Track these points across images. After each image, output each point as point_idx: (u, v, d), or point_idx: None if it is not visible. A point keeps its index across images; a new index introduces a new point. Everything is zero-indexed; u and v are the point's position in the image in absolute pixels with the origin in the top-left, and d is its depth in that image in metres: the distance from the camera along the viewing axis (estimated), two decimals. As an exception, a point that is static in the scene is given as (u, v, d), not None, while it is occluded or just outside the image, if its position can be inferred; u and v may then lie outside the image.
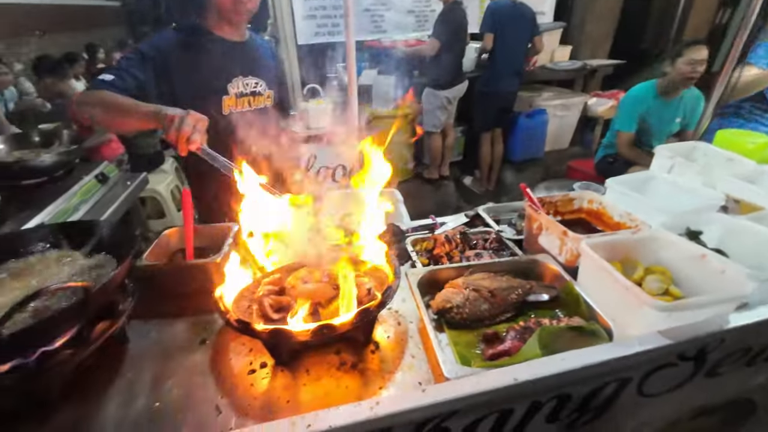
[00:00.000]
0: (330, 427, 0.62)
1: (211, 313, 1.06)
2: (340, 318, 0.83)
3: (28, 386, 0.75)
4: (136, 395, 0.83)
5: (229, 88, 1.53)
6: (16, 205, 1.76)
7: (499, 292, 1.03)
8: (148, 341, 0.98)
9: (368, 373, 0.89)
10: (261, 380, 0.88)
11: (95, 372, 0.88)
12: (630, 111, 2.84)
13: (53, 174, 1.99)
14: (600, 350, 0.77)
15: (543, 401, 0.77)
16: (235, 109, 1.57)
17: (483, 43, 3.97)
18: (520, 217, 1.52)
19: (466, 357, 0.90)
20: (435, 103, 4.24)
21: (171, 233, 1.23)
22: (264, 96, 1.66)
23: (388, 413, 0.65)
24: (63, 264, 0.99)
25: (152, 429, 0.76)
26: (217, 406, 0.81)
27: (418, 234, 1.40)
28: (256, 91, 1.62)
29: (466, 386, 0.69)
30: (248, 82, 1.59)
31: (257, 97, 1.63)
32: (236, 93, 1.56)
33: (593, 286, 0.98)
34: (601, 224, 1.26)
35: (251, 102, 1.62)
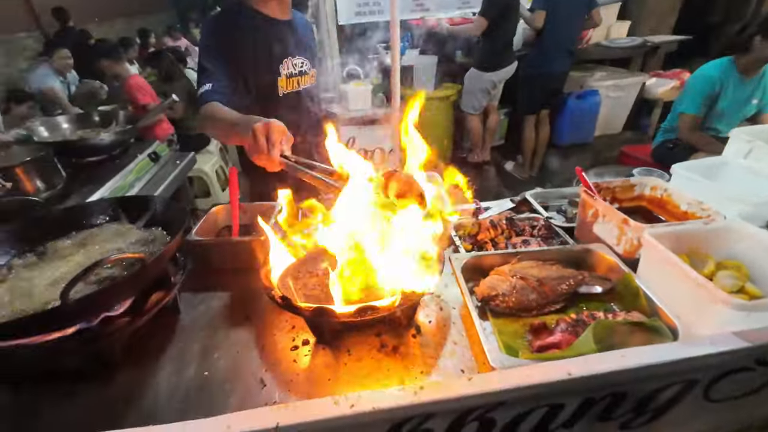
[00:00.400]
0: (373, 408, 0.62)
1: (256, 288, 1.09)
2: (384, 300, 0.82)
3: (91, 349, 0.79)
4: (187, 363, 0.87)
5: (280, 69, 1.50)
6: (79, 181, 1.89)
7: (548, 281, 0.97)
8: (197, 313, 1.02)
9: (409, 357, 0.88)
10: (303, 357, 0.89)
11: (150, 340, 0.93)
12: (699, 91, 2.58)
13: (111, 152, 2.11)
14: (665, 349, 0.71)
15: (597, 398, 0.72)
16: (286, 91, 1.54)
17: (533, 21, 3.67)
18: (571, 203, 1.43)
19: (512, 347, 0.86)
20: (478, 85, 4.03)
21: (218, 210, 1.27)
22: (309, 75, 1.63)
23: (432, 400, 0.63)
24: (120, 236, 1.04)
25: (202, 396, 0.80)
26: (261, 379, 0.83)
27: (461, 218, 1.35)
28: (303, 70, 1.59)
29: (516, 378, 0.66)
30: (296, 62, 1.55)
31: (304, 76, 1.60)
32: (287, 74, 1.52)
33: (656, 280, 0.90)
34: (664, 213, 1.15)
35: (299, 82, 1.58)
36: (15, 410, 0.79)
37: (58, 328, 0.74)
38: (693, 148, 2.63)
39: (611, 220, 1.04)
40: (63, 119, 2.23)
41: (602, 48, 4.68)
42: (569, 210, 1.39)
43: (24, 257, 0.94)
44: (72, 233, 1.02)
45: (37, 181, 1.67)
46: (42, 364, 0.77)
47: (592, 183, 1.16)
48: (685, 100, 2.66)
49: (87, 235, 1.02)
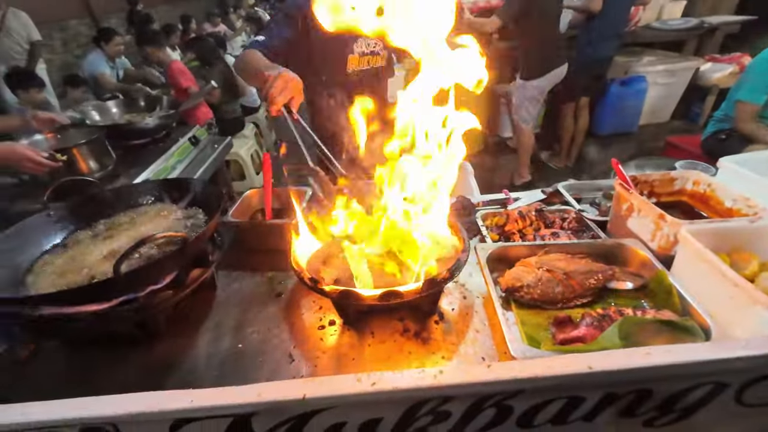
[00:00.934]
0: (394, 388, 0.64)
1: (286, 270, 1.14)
2: (408, 286, 0.84)
3: (138, 318, 0.87)
4: (223, 336, 0.94)
5: (354, 47, 1.58)
6: (127, 162, 2.02)
7: (576, 275, 0.96)
8: (232, 290, 1.09)
9: (431, 343, 0.90)
10: (329, 336, 0.93)
11: (190, 312, 1.00)
12: (761, 77, 2.37)
13: (155, 135, 2.24)
14: (693, 349, 0.69)
15: (620, 394, 0.71)
16: (356, 68, 1.63)
17: (590, 3, 3.33)
18: (606, 197, 1.38)
19: (535, 338, 0.86)
20: (525, 95, 3.55)
21: (252, 194, 1.32)
22: (380, 56, 1.69)
23: (451, 383, 0.65)
24: (163, 215, 1.12)
25: (236, 366, 0.86)
26: (290, 354, 0.88)
27: (489, 208, 1.35)
28: (374, 51, 1.66)
29: (535, 368, 0.66)
30: (369, 42, 1.63)
31: (375, 57, 1.67)
32: (360, 52, 1.60)
33: (691, 278, 0.87)
34: (707, 210, 1.09)
35: (370, 61, 1.66)
36: (74, 368, 0.89)
37: (109, 298, 0.82)
38: (748, 140, 2.44)
39: (647, 215, 1.01)
40: (112, 104, 2.37)
41: (652, 30, 4.37)
42: (603, 203, 1.35)
43: (80, 232, 1.03)
44: (122, 211, 1.10)
45: (90, 161, 1.81)
46: (96, 330, 0.85)
47: (629, 176, 1.12)
48: (744, 87, 2.46)
49: (134, 213, 1.11)
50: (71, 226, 1.04)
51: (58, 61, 6.74)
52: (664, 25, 4.36)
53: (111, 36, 4.45)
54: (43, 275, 0.88)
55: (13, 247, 0.91)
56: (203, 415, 0.65)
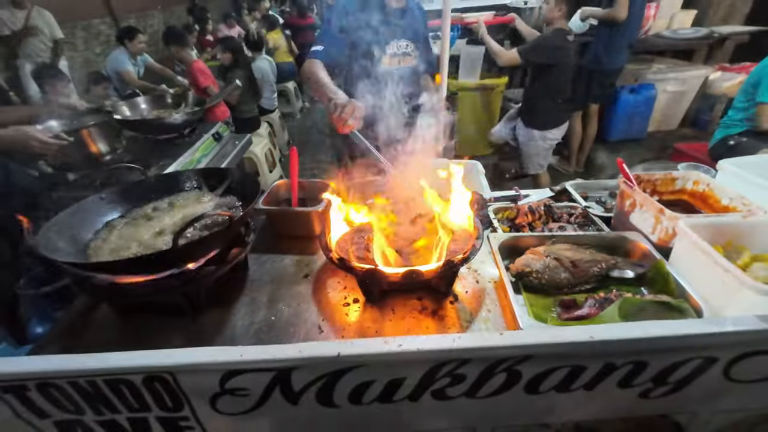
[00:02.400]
0: (418, 349, 0.73)
1: (312, 253, 1.24)
2: (427, 266, 0.93)
3: (184, 289, 0.97)
4: (258, 309, 1.04)
5: (386, 49, 1.79)
6: (156, 155, 2.14)
7: (581, 263, 1.05)
8: (263, 270, 1.19)
9: (447, 320, 0.99)
10: (353, 312, 1.03)
11: (227, 288, 1.10)
12: None
13: (182, 131, 2.35)
14: (686, 323, 0.77)
15: (617, 364, 0.80)
16: (388, 67, 1.82)
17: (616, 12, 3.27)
18: (611, 195, 1.47)
19: (542, 318, 0.95)
20: (536, 146, 3.26)
21: (280, 184, 1.43)
22: (412, 57, 1.88)
23: (467, 346, 0.74)
24: (201, 201, 1.22)
25: (271, 335, 0.96)
26: (319, 326, 0.98)
27: (500, 204, 1.43)
28: (406, 52, 1.85)
29: (542, 336, 0.75)
30: (401, 44, 1.82)
31: (407, 57, 1.86)
32: (391, 53, 1.81)
33: (687, 267, 0.95)
34: (705, 207, 1.17)
35: (401, 61, 1.85)
36: (127, 332, 0.99)
37: (161, 270, 0.92)
38: (757, 146, 2.49)
39: (648, 210, 1.09)
40: (141, 100, 2.50)
41: (663, 39, 4.43)
42: (609, 201, 1.43)
43: (130, 213, 1.14)
44: (165, 197, 1.21)
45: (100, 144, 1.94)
46: (147, 298, 0.95)
47: (633, 175, 1.20)
48: (764, 89, 2.48)
49: (176, 199, 1.21)
50: (121, 208, 1.14)
51: (80, 58, 6.95)
52: (675, 34, 4.42)
53: (134, 34, 4.61)
54: (103, 248, 0.99)
55: (73, 223, 1.02)
56: (250, 367, 0.74)
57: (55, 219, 0.99)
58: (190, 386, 0.77)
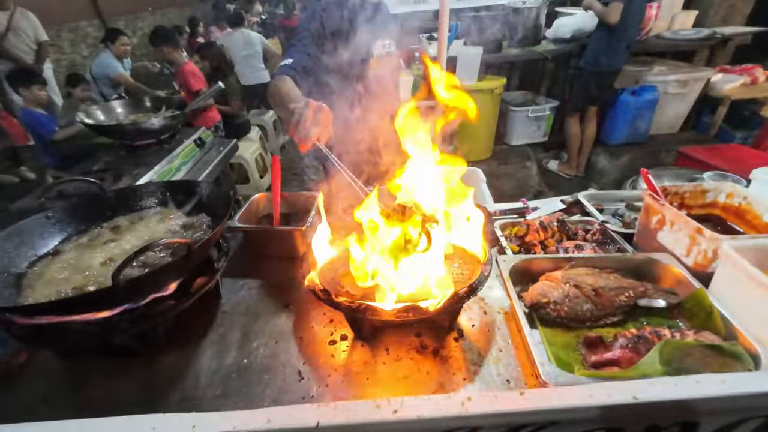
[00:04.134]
0: (418, 417, 0.58)
1: (296, 277, 1.08)
2: (427, 302, 0.78)
3: (138, 328, 0.81)
4: (228, 349, 0.88)
5: (373, 50, 1.57)
6: (131, 162, 1.97)
7: (605, 291, 0.90)
8: (238, 298, 1.03)
9: (450, 362, 0.84)
10: (341, 352, 0.87)
11: (193, 323, 0.94)
12: None
13: (160, 136, 2.19)
14: (747, 379, 0.63)
15: (662, 426, 0.65)
16: (376, 71, 1.61)
17: (607, 15, 3.25)
18: (629, 207, 1.32)
19: (564, 360, 0.80)
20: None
21: (260, 198, 1.27)
22: (395, 56, 1.69)
23: (480, 413, 0.59)
24: (167, 220, 1.06)
25: (240, 383, 0.80)
26: (299, 372, 0.82)
27: (506, 218, 1.29)
28: (390, 51, 1.65)
29: (574, 397, 0.60)
30: (385, 44, 1.62)
31: (391, 57, 1.66)
32: (378, 54, 1.60)
33: (734, 298, 0.81)
34: (743, 224, 1.03)
35: (387, 62, 1.65)
36: (69, 379, 0.83)
37: (108, 307, 0.76)
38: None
39: (681, 228, 0.94)
40: (117, 104, 2.33)
41: (664, 40, 4.32)
42: (627, 214, 1.29)
43: (80, 235, 0.98)
44: (123, 214, 1.05)
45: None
46: (92, 340, 0.79)
47: (659, 186, 1.06)
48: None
49: (136, 217, 1.05)
50: (70, 229, 0.98)
51: (66, 61, 6.77)
52: (676, 35, 4.31)
53: (116, 36, 4.46)
54: (40, 281, 0.83)
55: (8, 249, 0.85)
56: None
57: (-17, 244, 0.83)
58: (131, 463, 0.61)
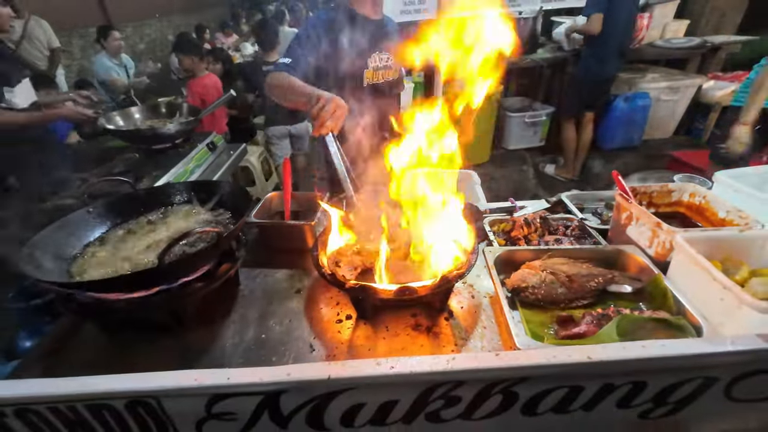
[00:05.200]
0: (411, 371, 0.71)
1: (305, 267, 1.22)
2: (421, 282, 0.91)
3: (170, 306, 0.94)
4: (247, 326, 1.01)
5: (369, 62, 1.71)
6: (149, 165, 2.11)
7: (578, 278, 1.03)
8: (254, 285, 1.16)
9: (441, 337, 0.97)
10: (346, 329, 1.00)
11: (216, 305, 1.08)
12: None
13: (175, 141, 2.33)
14: (685, 343, 0.76)
15: (616, 384, 0.77)
16: (372, 82, 1.75)
17: (590, 26, 3.44)
18: (608, 206, 1.45)
19: (539, 335, 0.93)
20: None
21: (273, 196, 1.41)
22: (393, 69, 1.82)
23: (462, 368, 0.72)
24: (192, 215, 1.20)
25: (261, 353, 0.93)
26: (310, 345, 0.95)
27: (496, 215, 1.42)
28: (387, 65, 1.78)
29: (539, 356, 0.73)
30: (382, 57, 1.75)
31: (388, 70, 1.80)
32: (374, 66, 1.73)
33: (685, 283, 0.94)
34: (702, 220, 1.16)
35: (383, 75, 1.79)
36: (112, 350, 0.96)
37: (148, 287, 0.89)
38: None
39: (645, 223, 1.07)
40: (135, 110, 2.48)
41: (656, 48, 4.47)
42: (605, 213, 1.42)
43: (118, 228, 1.12)
44: (154, 210, 1.18)
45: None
46: (134, 315, 0.92)
47: (629, 187, 1.19)
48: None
49: (166, 212, 1.19)
50: (109, 222, 1.12)
51: (76, 66, 6.95)
52: (668, 43, 4.46)
53: (107, 32, 4.64)
54: (88, 265, 0.96)
55: (59, 238, 0.99)
56: (237, 391, 0.71)
57: (40, 234, 0.96)
58: (176, 411, 0.74)
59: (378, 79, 1.75)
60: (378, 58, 1.73)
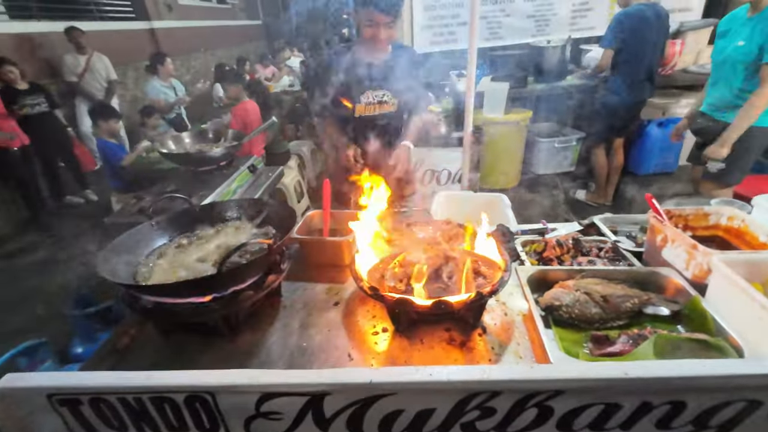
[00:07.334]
0: (448, 379, 0.75)
1: (342, 282, 1.28)
2: (456, 297, 0.95)
3: (223, 312, 1.02)
4: (290, 334, 1.07)
5: (361, 98, 1.90)
6: (196, 185, 2.28)
7: (613, 298, 1.04)
8: (295, 297, 1.23)
9: (475, 352, 1.00)
10: (382, 341, 1.05)
11: (261, 314, 1.15)
12: None
13: (220, 163, 2.51)
14: (724, 363, 0.75)
15: (654, 404, 0.78)
16: (363, 114, 1.94)
17: (599, 61, 3.61)
18: (642, 230, 1.45)
19: (573, 353, 0.94)
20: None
21: (313, 215, 1.50)
22: (389, 104, 1.97)
23: (497, 378, 0.75)
24: (240, 231, 1.30)
25: (303, 359, 0.99)
26: (349, 354, 1.00)
27: (527, 236, 1.44)
28: (383, 100, 1.95)
29: (574, 370, 0.75)
30: (377, 94, 1.93)
31: (383, 105, 1.96)
32: (366, 102, 1.92)
33: (724, 305, 0.93)
34: (742, 244, 1.15)
35: (376, 108, 1.96)
36: (167, 353, 1.04)
37: (206, 293, 0.98)
38: None
39: (680, 245, 1.08)
40: (186, 135, 2.70)
41: (690, 74, 4.42)
42: (639, 236, 1.41)
43: (177, 239, 1.23)
44: (208, 225, 1.29)
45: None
46: (190, 319, 1.01)
47: (663, 210, 1.19)
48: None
49: (218, 227, 1.29)
50: (168, 235, 1.23)
51: (129, 96, 7.58)
52: (702, 69, 4.40)
53: (164, 58, 5.22)
54: (151, 271, 1.07)
55: (128, 247, 1.11)
56: (287, 390, 0.77)
57: (113, 242, 1.08)
58: (228, 407, 0.81)
59: (370, 112, 1.93)
60: (372, 95, 1.90)
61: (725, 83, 2.54)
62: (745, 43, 2.36)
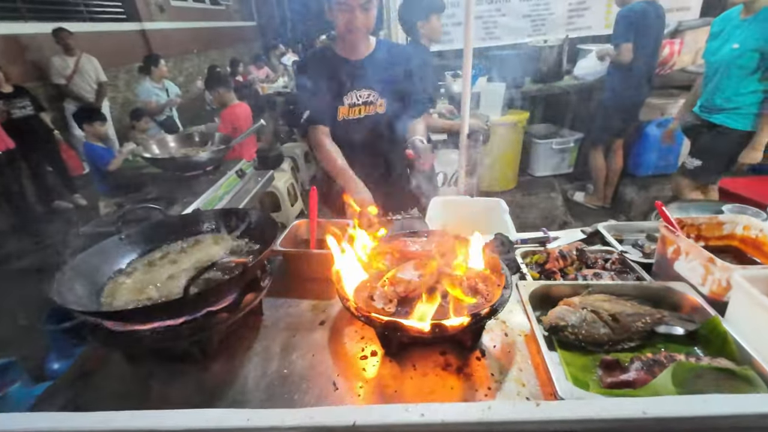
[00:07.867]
0: (442, 421, 0.65)
1: (329, 298, 1.19)
2: (452, 320, 0.86)
3: (195, 337, 0.92)
4: (271, 359, 0.98)
5: (344, 99, 1.76)
6: (181, 191, 2.18)
7: (623, 317, 0.95)
8: (278, 315, 1.14)
9: (473, 379, 0.90)
10: (371, 366, 0.95)
11: (240, 336, 1.05)
12: None
13: (206, 168, 2.41)
14: (756, 400, 0.67)
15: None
16: (348, 117, 1.79)
17: (620, 56, 3.42)
18: (650, 238, 1.37)
19: (581, 381, 0.85)
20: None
21: (299, 224, 1.40)
22: (376, 105, 1.81)
23: (498, 420, 0.65)
24: (219, 243, 1.20)
25: (283, 390, 0.89)
26: (334, 383, 0.91)
27: (527, 246, 1.35)
28: (368, 101, 1.79)
29: (585, 409, 0.66)
30: (361, 94, 1.77)
31: (369, 106, 1.80)
32: (349, 104, 1.77)
33: (748, 326, 0.84)
34: (761, 256, 1.06)
35: (362, 110, 1.80)
36: (136, 380, 0.95)
37: (175, 317, 0.88)
38: None
39: (695, 258, 0.99)
40: (171, 138, 2.60)
41: (688, 73, 4.35)
42: (647, 245, 1.33)
43: (148, 254, 1.13)
44: (183, 237, 1.20)
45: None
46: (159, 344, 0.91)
47: (674, 219, 1.11)
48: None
49: (195, 239, 1.20)
50: (139, 249, 1.13)
51: (121, 98, 7.46)
52: (700, 68, 4.32)
53: (157, 60, 5.14)
54: (117, 291, 0.97)
55: (93, 264, 1.01)
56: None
57: (74, 260, 0.98)
58: (192, 452, 0.71)
59: (355, 115, 1.79)
60: (355, 96, 1.76)
61: (717, 85, 2.49)
62: (740, 46, 2.31)
